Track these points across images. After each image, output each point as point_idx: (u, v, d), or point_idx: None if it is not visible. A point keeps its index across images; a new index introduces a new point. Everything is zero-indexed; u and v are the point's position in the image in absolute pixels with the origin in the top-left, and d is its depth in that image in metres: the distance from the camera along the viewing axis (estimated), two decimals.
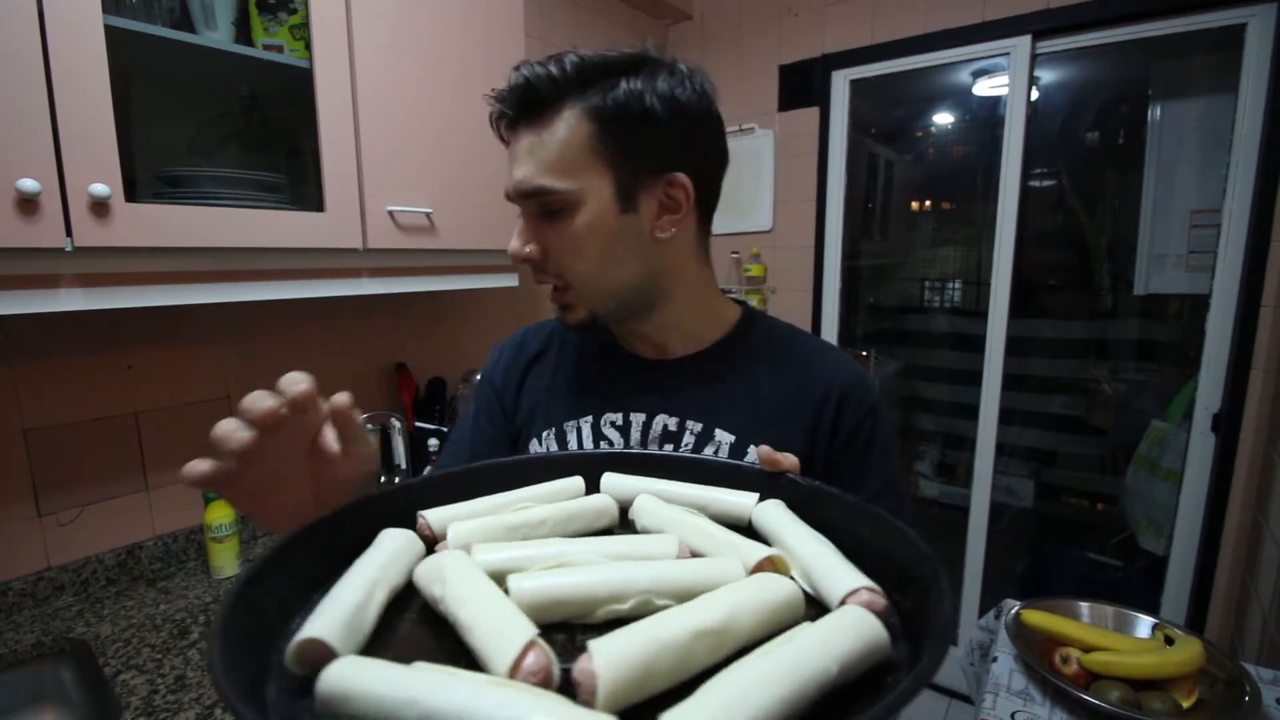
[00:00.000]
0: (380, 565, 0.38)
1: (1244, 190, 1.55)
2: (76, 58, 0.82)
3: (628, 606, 0.35)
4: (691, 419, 0.65)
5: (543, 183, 0.58)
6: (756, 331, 0.71)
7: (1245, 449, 1.59)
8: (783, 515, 0.46)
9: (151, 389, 1.21)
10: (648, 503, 0.49)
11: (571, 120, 0.57)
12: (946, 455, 2.93)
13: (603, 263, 0.61)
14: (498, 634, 0.30)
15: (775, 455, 0.50)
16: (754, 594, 0.34)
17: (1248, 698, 0.85)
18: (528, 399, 0.73)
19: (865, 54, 2.03)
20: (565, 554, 0.40)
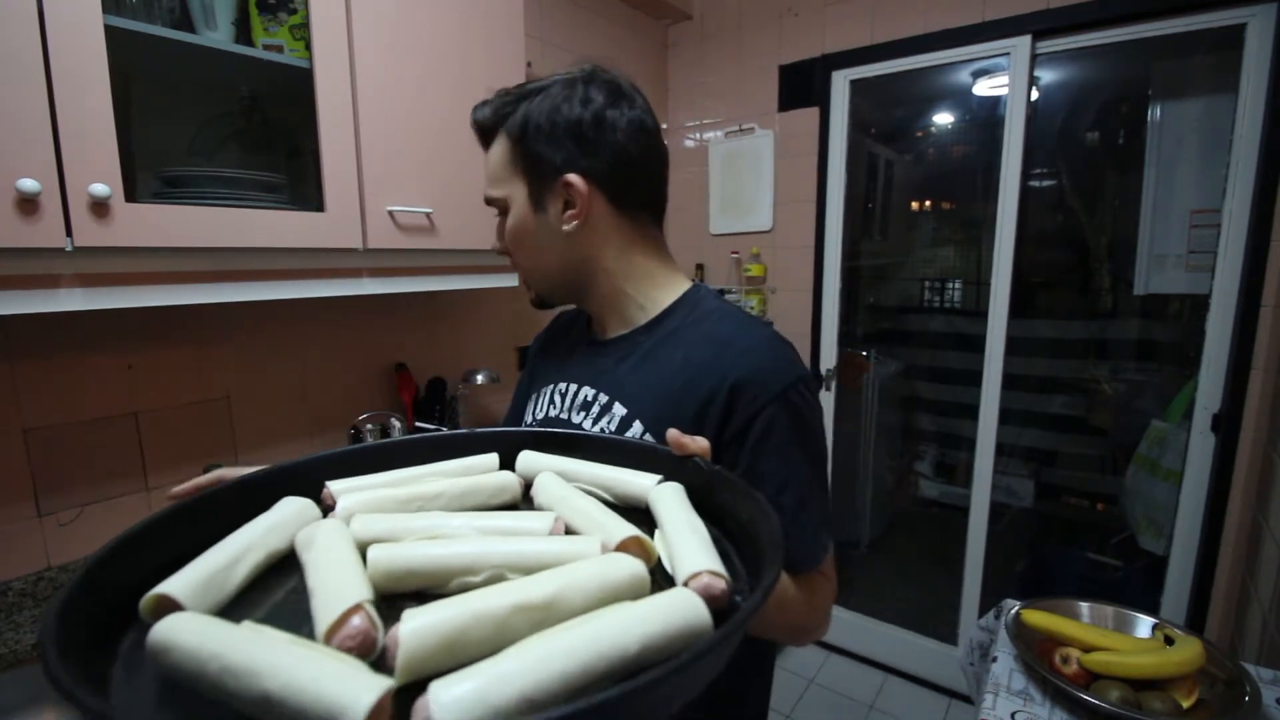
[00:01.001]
0: (262, 530, 0.41)
1: (1244, 190, 1.55)
2: (76, 58, 0.82)
3: (480, 579, 0.37)
4: (602, 391, 0.72)
5: (488, 192, 0.74)
6: (680, 316, 0.71)
7: (1245, 449, 1.59)
8: (671, 499, 0.46)
9: (151, 389, 1.21)
10: (547, 481, 0.51)
11: (500, 142, 0.72)
12: (946, 455, 2.93)
13: (531, 253, 0.74)
14: (330, 599, 0.32)
15: (683, 439, 0.51)
16: (592, 572, 0.35)
17: (1248, 698, 0.85)
18: (532, 368, 0.89)
19: (865, 54, 2.03)
20: (439, 527, 0.42)
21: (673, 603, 0.32)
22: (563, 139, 0.69)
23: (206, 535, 0.40)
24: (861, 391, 2.60)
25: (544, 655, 0.28)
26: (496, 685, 0.26)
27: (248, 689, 0.26)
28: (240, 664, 0.27)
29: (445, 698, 0.25)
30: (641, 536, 0.41)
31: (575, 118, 0.69)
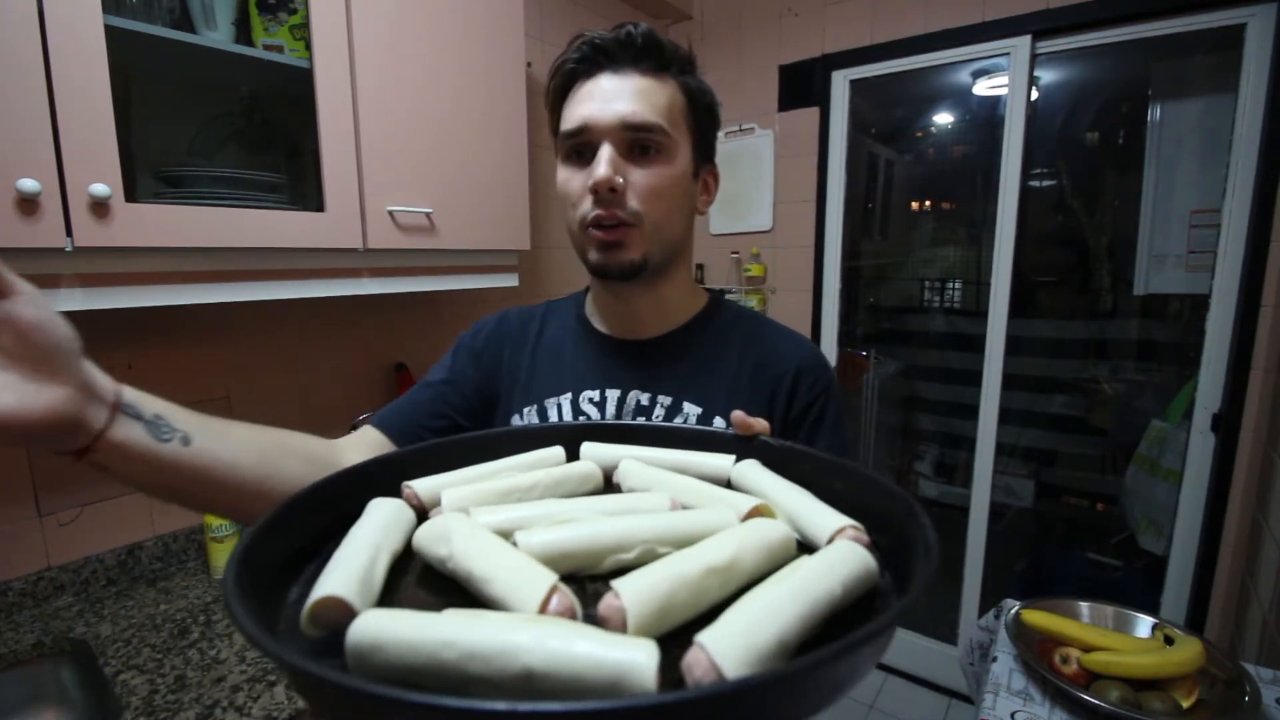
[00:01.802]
0: (379, 529, 0.39)
1: (1244, 190, 1.55)
2: (76, 58, 0.82)
3: (632, 555, 0.37)
4: (662, 394, 0.69)
5: (658, 120, 0.63)
6: (722, 315, 0.76)
7: (1245, 449, 1.59)
8: (762, 472, 0.49)
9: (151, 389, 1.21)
10: (633, 466, 0.50)
11: (674, 87, 0.65)
12: (946, 455, 2.93)
13: (672, 211, 0.66)
14: (519, 582, 0.31)
15: (749, 419, 0.54)
16: (754, 535, 0.37)
17: (1248, 698, 0.85)
18: (507, 373, 0.76)
19: (865, 54, 2.03)
20: (564, 512, 0.41)
21: (847, 553, 0.35)
22: (715, 133, 0.72)
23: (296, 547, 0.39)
24: (861, 391, 2.60)
25: (776, 602, 0.30)
26: (756, 631, 0.28)
27: (504, 668, 0.25)
28: (486, 645, 0.26)
29: (723, 648, 0.26)
30: (765, 504, 0.43)
31: (719, 119, 0.71)
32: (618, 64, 0.64)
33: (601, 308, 0.76)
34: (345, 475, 0.46)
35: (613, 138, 0.62)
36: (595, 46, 0.64)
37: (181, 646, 0.99)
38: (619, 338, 0.74)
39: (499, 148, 1.39)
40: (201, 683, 0.91)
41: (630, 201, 0.63)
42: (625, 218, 0.63)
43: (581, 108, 0.63)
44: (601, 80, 0.63)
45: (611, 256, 0.65)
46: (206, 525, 1.20)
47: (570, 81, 0.66)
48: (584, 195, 0.63)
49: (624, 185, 0.62)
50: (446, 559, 0.35)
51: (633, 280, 0.67)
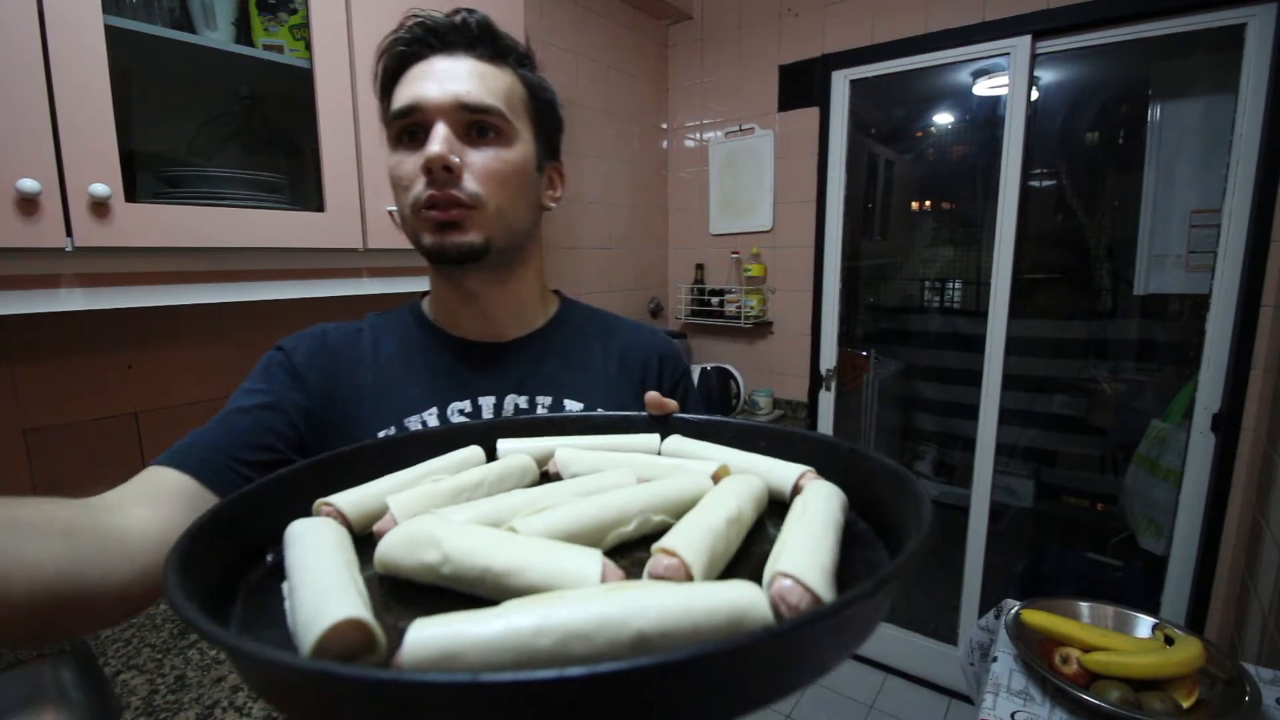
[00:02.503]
0: (333, 546, 0.33)
1: (1244, 190, 1.55)
2: (76, 58, 0.82)
3: (632, 528, 0.37)
4: (540, 394, 0.68)
5: (495, 103, 0.61)
6: (577, 313, 0.78)
7: (1245, 449, 1.59)
8: (695, 443, 0.51)
9: (151, 389, 1.21)
10: (571, 454, 0.49)
11: (513, 76, 0.64)
12: (946, 455, 2.93)
13: (515, 199, 0.64)
14: (562, 562, 0.30)
15: (662, 399, 0.56)
16: (744, 488, 0.39)
17: (1248, 698, 0.85)
18: (343, 391, 0.65)
19: (865, 54, 2.03)
20: (540, 500, 0.39)
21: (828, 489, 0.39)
22: (559, 132, 0.71)
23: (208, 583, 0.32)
24: (861, 391, 2.60)
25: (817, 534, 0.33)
26: (819, 558, 0.30)
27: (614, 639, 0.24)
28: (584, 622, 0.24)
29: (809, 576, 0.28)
30: (725, 466, 0.45)
31: (561, 120, 0.71)
32: (452, 47, 0.61)
33: (451, 309, 0.70)
34: (235, 501, 0.37)
35: (447, 117, 0.59)
36: (427, 28, 0.61)
37: (181, 646, 0.99)
38: (477, 341, 0.69)
39: None
40: (201, 683, 0.91)
41: (468, 183, 0.59)
42: (463, 198, 0.59)
43: (413, 87, 0.60)
44: (435, 61, 0.61)
45: (448, 237, 0.60)
46: None
47: (401, 63, 0.62)
48: (416, 176, 0.59)
49: (460, 165, 0.59)
50: (440, 564, 0.31)
51: (476, 265, 0.62)
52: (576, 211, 2.12)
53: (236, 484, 0.53)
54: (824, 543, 0.32)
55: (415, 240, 0.64)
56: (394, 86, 0.63)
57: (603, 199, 2.22)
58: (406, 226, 0.64)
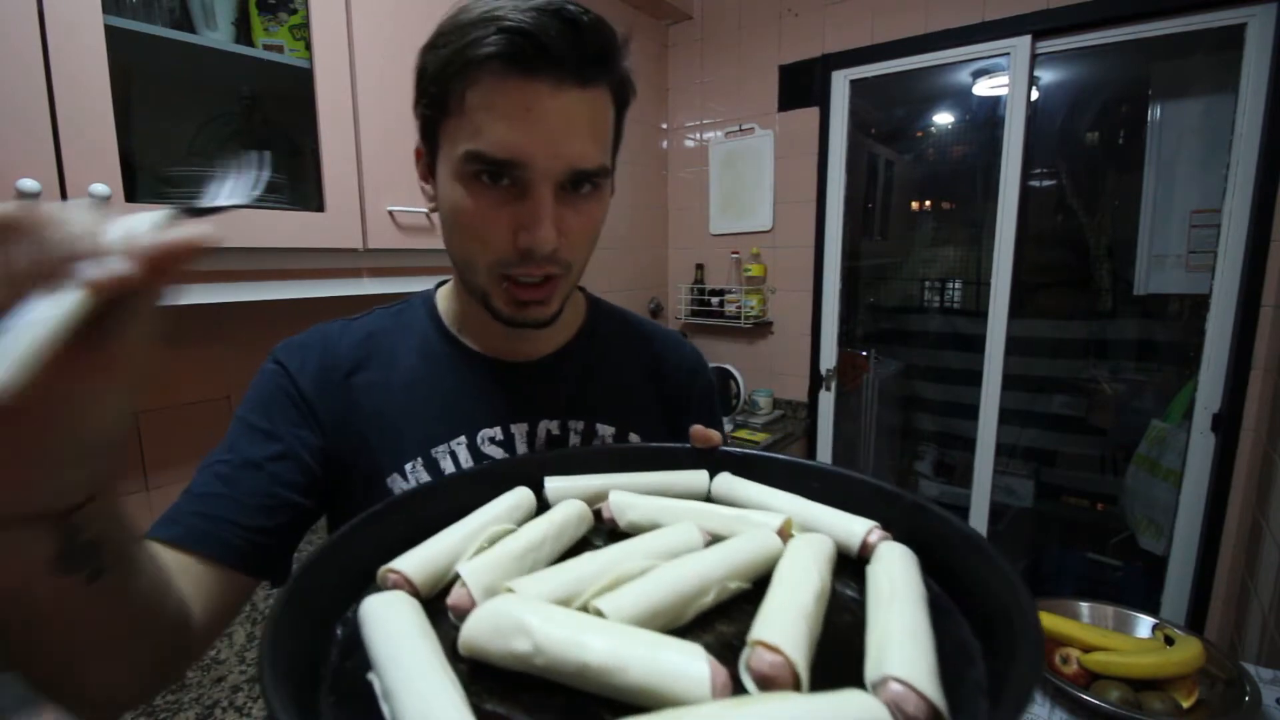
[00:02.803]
0: (420, 635, 0.32)
1: (1244, 190, 1.55)
2: (76, 58, 0.82)
3: (711, 599, 0.37)
4: (573, 419, 0.63)
5: (605, 162, 0.52)
6: (603, 319, 0.71)
7: (1245, 449, 1.59)
8: (745, 484, 0.50)
9: (151, 389, 1.21)
10: (626, 499, 0.48)
11: (605, 96, 0.52)
12: (946, 455, 2.93)
13: (593, 247, 0.57)
14: (665, 663, 0.29)
15: (707, 431, 0.54)
16: (820, 553, 0.39)
17: (1248, 698, 0.85)
18: (360, 421, 0.58)
19: (865, 54, 2.03)
20: (612, 567, 0.38)
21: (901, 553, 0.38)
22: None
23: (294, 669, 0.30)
24: (861, 391, 2.60)
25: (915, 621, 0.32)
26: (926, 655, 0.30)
27: None
28: None
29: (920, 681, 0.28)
30: (789, 520, 0.44)
31: None
32: (560, 70, 0.47)
33: (480, 327, 0.62)
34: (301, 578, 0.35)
35: (553, 181, 0.49)
36: (536, 43, 0.45)
37: None
38: (506, 360, 0.63)
39: None
40: (201, 683, 0.91)
41: (561, 251, 0.51)
42: (556, 271, 0.53)
43: (511, 131, 0.47)
44: (539, 96, 0.47)
45: (530, 313, 0.54)
46: None
47: (485, 69, 0.47)
48: (505, 242, 0.50)
49: (580, 239, 0.53)
50: (533, 655, 0.30)
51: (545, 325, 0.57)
52: None
53: (249, 553, 0.50)
54: (923, 634, 0.31)
55: (480, 295, 0.55)
56: (466, 92, 0.48)
57: None
58: (469, 274, 0.55)
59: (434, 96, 0.50)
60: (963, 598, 0.37)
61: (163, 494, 1.25)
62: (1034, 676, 0.27)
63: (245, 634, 1.03)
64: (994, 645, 0.33)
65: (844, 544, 0.42)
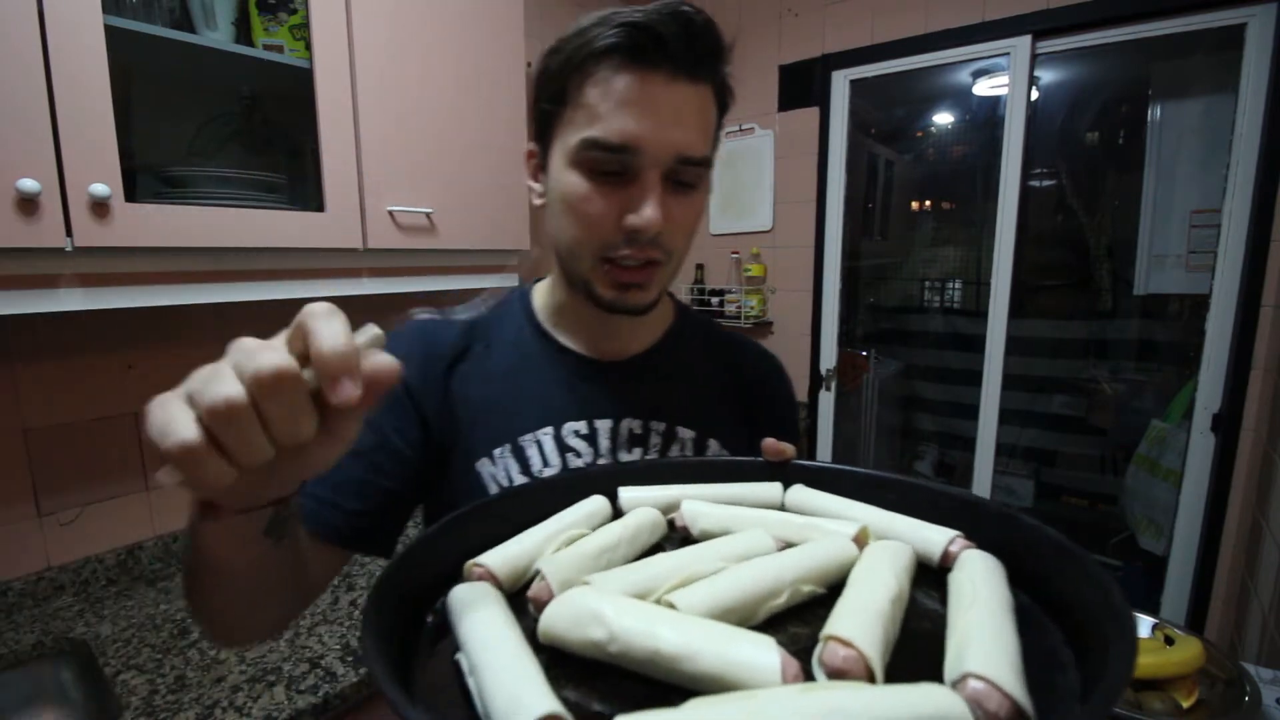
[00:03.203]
0: (504, 622, 0.34)
1: (1244, 190, 1.55)
2: (76, 58, 0.82)
3: (783, 600, 0.37)
4: (655, 420, 0.65)
5: (707, 154, 0.55)
6: (690, 325, 0.74)
7: (1245, 449, 1.59)
8: (820, 495, 0.50)
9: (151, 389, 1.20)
10: (699, 508, 0.49)
11: (710, 95, 0.56)
12: (946, 455, 2.93)
13: (691, 241, 0.60)
14: (736, 653, 0.30)
15: (780, 445, 0.53)
16: (898, 560, 0.38)
17: (1248, 698, 0.85)
18: (458, 407, 0.62)
19: (865, 54, 2.03)
20: (685, 566, 0.39)
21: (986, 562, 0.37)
22: None
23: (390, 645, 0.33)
24: (861, 391, 2.60)
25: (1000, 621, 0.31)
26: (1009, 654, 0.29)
27: None
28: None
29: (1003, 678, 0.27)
30: (864, 527, 0.44)
31: None
32: (674, 64, 0.51)
33: (575, 323, 0.66)
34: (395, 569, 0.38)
35: (661, 168, 0.53)
36: (654, 35, 0.49)
37: (181, 646, 0.99)
38: (596, 359, 0.65)
39: (499, 148, 1.39)
40: (201, 683, 0.91)
41: (664, 238, 0.55)
42: (658, 256, 0.56)
43: (627, 118, 0.51)
44: (653, 86, 0.51)
45: (630, 297, 0.57)
46: None
47: (603, 62, 0.51)
48: (612, 225, 0.54)
49: (681, 228, 0.55)
50: (607, 642, 0.31)
51: (645, 312, 0.60)
52: None
53: (345, 532, 0.56)
54: (1007, 635, 0.30)
55: (582, 281, 0.58)
56: (584, 84, 0.52)
57: None
58: (573, 262, 0.58)
59: (553, 92, 0.55)
60: (1054, 607, 0.36)
61: (163, 494, 1.25)
62: (1126, 674, 0.26)
63: None
64: (1086, 653, 0.32)
65: (924, 554, 0.41)
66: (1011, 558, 0.38)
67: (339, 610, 1.10)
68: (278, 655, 0.98)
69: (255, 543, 0.38)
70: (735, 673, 0.29)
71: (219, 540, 0.37)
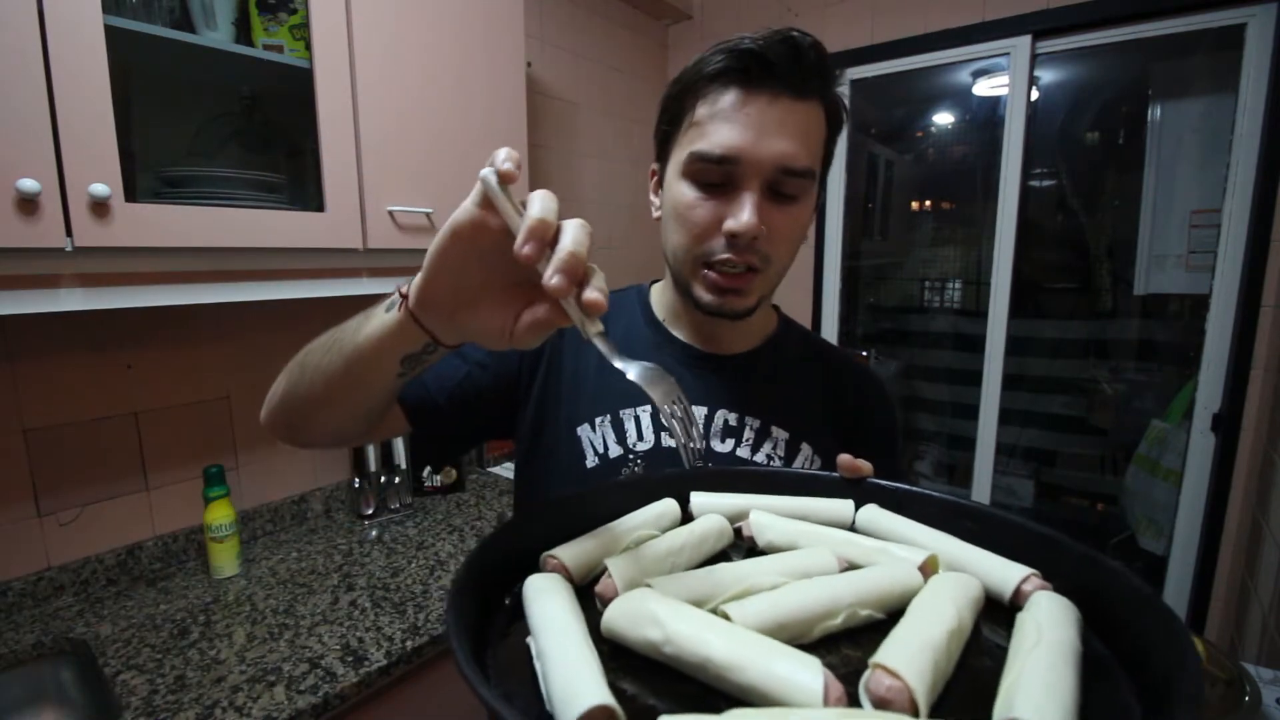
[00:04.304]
0: (570, 612, 0.36)
1: (1244, 190, 1.55)
2: (76, 58, 0.82)
3: (839, 621, 0.37)
4: (750, 415, 0.67)
5: (810, 166, 0.58)
6: (794, 334, 0.76)
7: (1245, 449, 1.59)
8: (893, 518, 0.50)
9: (151, 389, 1.21)
10: (766, 520, 0.50)
11: (818, 113, 0.59)
12: (946, 455, 2.93)
13: (795, 253, 0.62)
14: (781, 669, 0.30)
15: (856, 462, 0.53)
16: (962, 592, 0.37)
17: (1248, 698, 0.85)
18: (567, 367, 0.68)
19: (865, 54, 2.03)
20: (745, 578, 0.40)
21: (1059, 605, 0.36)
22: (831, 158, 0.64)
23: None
24: None
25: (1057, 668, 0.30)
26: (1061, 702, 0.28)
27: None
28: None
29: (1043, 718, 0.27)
30: (933, 556, 0.43)
31: None
32: (779, 83, 0.55)
33: (681, 317, 0.71)
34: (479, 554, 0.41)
35: (763, 177, 0.56)
36: (761, 60, 0.55)
37: (181, 646, 0.99)
38: (701, 350, 0.70)
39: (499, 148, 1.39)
40: (201, 683, 0.91)
41: (763, 245, 0.58)
42: (756, 262, 0.58)
43: (730, 132, 0.55)
44: (759, 102, 0.55)
45: (728, 302, 0.60)
46: (206, 525, 1.20)
47: (716, 84, 0.57)
48: (713, 231, 0.58)
49: (763, 232, 0.57)
50: (662, 643, 0.33)
51: (743, 317, 0.63)
52: (575, 211, 2.12)
53: (416, 406, 0.64)
54: (1065, 682, 0.29)
55: (683, 285, 0.63)
56: (697, 104, 0.58)
57: (602, 199, 2.22)
58: (679, 266, 0.63)
59: (672, 114, 0.62)
60: (1131, 659, 0.34)
61: (163, 494, 1.25)
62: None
63: (245, 634, 1.03)
64: (1156, 712, 0.30)
65: (996, 590, 0.40)
66: (1093, 603, 0.37)
67: (339, 610, 1.10)
68: (278, 655, 0.98)
69: (393, 364, 0.46)
70: (779, 688, 0.29)
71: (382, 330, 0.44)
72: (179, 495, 1.27)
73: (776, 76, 0.55)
